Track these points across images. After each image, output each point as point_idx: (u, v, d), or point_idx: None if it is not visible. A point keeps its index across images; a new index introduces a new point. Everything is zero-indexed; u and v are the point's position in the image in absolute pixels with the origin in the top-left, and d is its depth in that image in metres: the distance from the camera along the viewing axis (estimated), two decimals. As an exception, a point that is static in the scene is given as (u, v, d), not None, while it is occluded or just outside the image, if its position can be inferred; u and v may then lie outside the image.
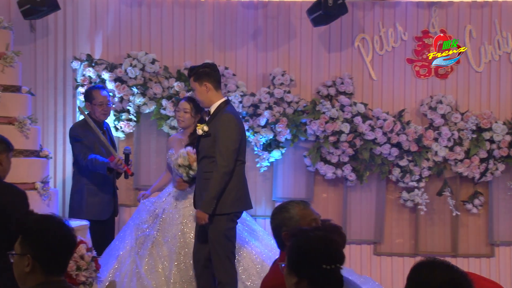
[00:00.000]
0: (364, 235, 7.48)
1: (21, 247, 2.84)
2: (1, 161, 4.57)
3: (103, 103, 6.42)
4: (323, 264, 2.67)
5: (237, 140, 5.54)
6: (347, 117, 7.26)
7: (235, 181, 5.57)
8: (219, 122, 5.56)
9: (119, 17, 7.37)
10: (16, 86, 5.87)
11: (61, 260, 2.87)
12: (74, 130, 6.44)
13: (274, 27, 7.47)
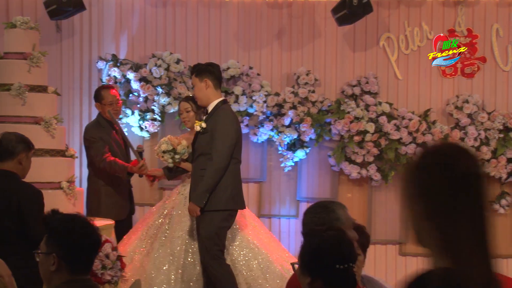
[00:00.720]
0: (389, 235, 7.43)
1: (46, 246, 2.86)
2: (20, 161, 4.58)
3: (113, 102, 6.39)
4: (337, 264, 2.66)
5: (233, 137, 5.53)
6: (372, 116, 7.22)
7: (231, 179, 5.56)
8: (217, 118, 5.57)
9: (144, 17, 7.40)
10: (43, 86, 5.91)
11: (86, 259, 2.88)
12: (88, 133, 6.41)
13: (298, 27, 7.45)
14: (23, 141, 4.63)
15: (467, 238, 1.83)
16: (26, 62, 5.79)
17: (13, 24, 5.87)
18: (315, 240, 2.72)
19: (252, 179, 7.43)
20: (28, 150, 4.64)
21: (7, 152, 4.57)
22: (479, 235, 1.83)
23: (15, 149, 4.57)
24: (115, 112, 6.42)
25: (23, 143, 4.61)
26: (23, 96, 5.69)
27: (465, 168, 1.86)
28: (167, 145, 5.96)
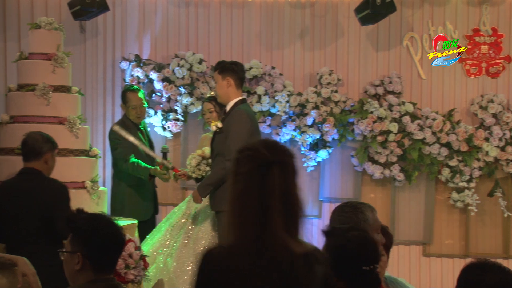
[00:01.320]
0: (413, 236, 7.39)
1: (71, 245, 2.88)
2: (47, 160, 4.64)
3: (136, 107, 6.38)
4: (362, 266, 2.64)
5: (246, 137, 5.51)
6: (395, 116, 7.18)
7: None
8: (231, 119, 5.57)
9: (167, 17, 7.42)
10: (66, 86, 5.94)
11: (110, 258, 2.90)
12: (113, 134, 6.41)
13: (321, 26, 7.43)
14: (48, 140, 4.68)
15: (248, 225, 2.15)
16: (50, 63, 5.82)
17: (37, 25, 5.91)
18: (339, 240, 2.70)
19: (275, 179, 7.40)
20: (54, 149, 4.70)
21: (33, 152, 4.63)
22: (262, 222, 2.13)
23: (41, 149, 4.62)
24: (138, 116, 6.41)
25: (49, 142, 4.67)
26: (48, 96, 5.73)
27: (262, 160, 2.18)
28: (196, 159, 5.96)
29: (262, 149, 2.23)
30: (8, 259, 3.60)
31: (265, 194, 2.17)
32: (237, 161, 2.26)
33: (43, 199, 4.47)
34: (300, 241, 2.26)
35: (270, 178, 2.18)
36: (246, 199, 2.19)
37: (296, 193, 2.24)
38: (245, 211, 2.19)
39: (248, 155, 2.23)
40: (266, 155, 2.22)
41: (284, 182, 2.20)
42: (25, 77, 5.85)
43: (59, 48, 5.92)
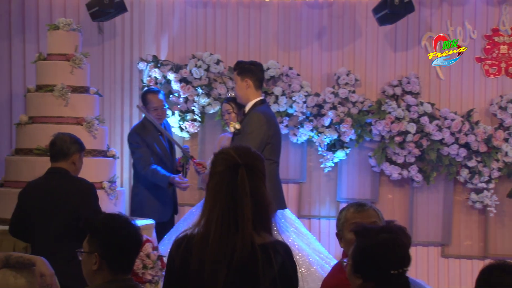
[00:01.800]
0: (431, 237, 7.35)
1: (89, 245, 2.89)
2: (74, 161, 4.68)
3: (157, 108, 6.38)
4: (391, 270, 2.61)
5: (260, 139, 5.49)
6: (413, 117, 7.15)
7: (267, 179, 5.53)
8: (248, 119, 5.56)
9: (185, 18, 7.44)
10: (84, 87, 5.97)
11: (127, 259, 2.90)
12: (132, 137, 6.44)
13: (339, 27, 7.40)
14: (76, 142, 4.72)
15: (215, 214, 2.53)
16: (68, 64, 5.85)
17: (56, 26, 5.94)
18: (368, 242, 2.67)
19: (292, 179, 7.41)
20: (81, 150, 4.75)
21: (61, 153, 4.66)
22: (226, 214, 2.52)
23: (69, 150, 4.66)
24: (158, 117, 6.42)
25: (76, 144, 4.71)
26: (66, 97, 5.75)
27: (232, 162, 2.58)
28: None
29: (233, 153, 2.63)
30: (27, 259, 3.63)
31: (234, 191, 2.56)
32: (213, 162, 2.67)
33: (70, 198, 4.50)
34: (264, 234, 2.60)
35: (238, 178, 2.57)
36: (217, 193, 2.59)
37: (262, 191, 2.63)
38: (216, 204, 2.58)
39: (221, 158, 2.64)
40: (236, 159, 2.61)
41: (251, 182, 2.59)
42: (44, 78, 5.88)
43: (77, 49, 5.94)
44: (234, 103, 6.13)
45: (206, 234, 2.54)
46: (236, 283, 2.52)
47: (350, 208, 3.36)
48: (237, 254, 2.50)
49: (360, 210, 3.33)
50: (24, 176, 5.47)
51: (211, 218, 2.56)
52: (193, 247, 2.54)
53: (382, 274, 2.62)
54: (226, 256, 2.51)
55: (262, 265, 2.53)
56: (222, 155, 2.66)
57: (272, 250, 2.58)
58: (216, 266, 2.50)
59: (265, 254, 2.56)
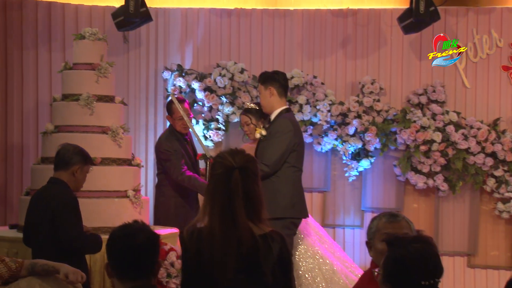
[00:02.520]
0: (457, 247, 7.27)
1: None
2: (74, 172, 4.64)
3: (182, 117, 6.45)
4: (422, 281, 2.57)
5: (286, 145, 5.48)
6: (439, 126, 7.10)
7: (289, 187, 5.52)
8: (276, 125, 5.56)
9: (209, 27, 7.46)
10: (110, 96, 5.99)
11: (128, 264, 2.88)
12: (164, 144, 6.45)
13: (363, 35, 7.38)
14: (80, 153, 4.67)
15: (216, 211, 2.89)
16: (94, 73, 5.88)
17: (82, 35, 5.98)
18: (399, 252, 2.64)
19: (316, 188, 7.39)
20: (84, 163, 4.67)
21: (62, 162, 4.65)
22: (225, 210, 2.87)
23: (70, 160, 4.63)
24: (184, 126, 6.45)
25: (79, 155, 4.66)
26: (91, 106, 5.79)
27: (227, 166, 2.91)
28: None
29: (228, 157, 2.95)
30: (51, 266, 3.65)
31: (230, 191, 2.89)
32: (212, 165, 3.02)
33: (53, 207, 4.52)
34: (261, 225, 2.95)
35: (233, 178, 2.90)
36: (216, 193, 2.93)
37: (255, 190, 2.95)
38: (215, 202, 2.92)
39: (219, 162, 2.97)
40: (230, 162, 2.93)
41: (244, 182, 2.91)
42: (70, 87, 5.92)
43: (103, 58, 5.98)
44: (251, 114, 6.14)
45: (212, 230, 2.89)
46: (242, 269, 2.88)
47: (382, 218, 3.32)
48: (243, 245, 2.86)
49: (393, 220, 3.29)
50: (49, 185, 5.51)
51: (213, 215, 2.91)
52: (203, 241, 2.89)
53: (413, 285, 2.58)
54: (232, 247, 2.86)
55: (263, 253, 2.90)
56: (219, 159, 2.99)
57: (270, 239, 2.94)
58: (224, 256, 2.86)
59: (265, 243, 2.92)
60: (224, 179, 2.93)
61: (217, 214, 2.90)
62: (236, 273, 2.87)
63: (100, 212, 5.45)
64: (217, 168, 2.97)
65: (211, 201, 2.94)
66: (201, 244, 2.90)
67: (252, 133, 6.14)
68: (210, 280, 2.89)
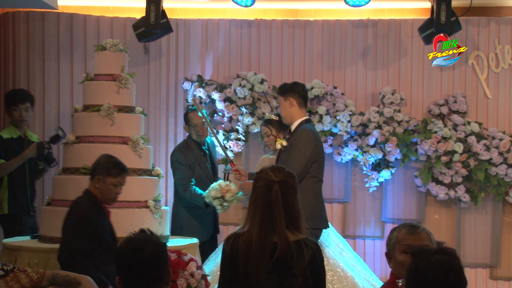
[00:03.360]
0: (479, 259, 7.21)
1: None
2: (96, 183, 4.70)
3: (197, 125, 6.45)
4: None
5: (309, 155, 5.46)
6: (460, 136, 7.05)
7: (311, 198, 5.49)
8: (296, 136, 5.55)
9: (229, 38, 7.48)
10: (130, 106, 6.02)
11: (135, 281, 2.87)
12: (175, 156, 6.50)
13: (384, 46, 7.36)
14: (104, 165, 4.71)
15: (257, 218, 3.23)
16: (115, 84, 5.91)
17: (103, 46, 6.02)
18: (422, 263, 2.62)
19: (336, 199, 7.36)
20: (106, 175, 4.69)
21: (90, 172, 4.78)
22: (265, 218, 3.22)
23: (94, 170, 4.73)
24: (200, 134, 6.48)
25: (103, 167, 4.70)
26: (112, 117, 5.81)
27: (269, 180, 3.27)
28: (216, 192, 6.06)
29: (270, 172, 3.31)
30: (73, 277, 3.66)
31: (270, 202, 3.24)
32: (255, 179, 3.36)
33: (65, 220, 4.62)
34: (296, 233, 3.26)
35: (273, 192, 3.25)
36: (258, 204, 3.27)
37: (293, 202, 3.30)
38: (257, 211, 3.26)
39: (261, 176, 3.33)
40: (272, 176, 3.28)
41: (283, 195, 3.26)
42: (91, 98, 5.96)
43: (124, 69, 6.01)
44: (271, 125, 6.13)
45: (250, 235, 3.22)
46: (275, 271, 3.17)
47: (402, 229, 3.29)
48: (278, 249, 3.17)
49: (413, 232, 3.27)
50: (70, 195, 5.52)
51: (254, 222, 3.24)
52: (240, 244, 3.22)
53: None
54: (267, 251, 3.17)
55: (295, 257, 3.19)
56: (262, 173, 3.34)
57: (303, 244, 3.22)
58: (259, 258, 3.17)
59: (298, 248, 3.20)
60: (265, 191, 3.26)
61: (257, 221, 3.23)
62: (269, 274, 3.16)
63: (120, 222, 5.45)
64: (259, 181, 3.32)
65: (253, 210, 3.27)
66: (237, 247, 3.23)
67: (272, 144, 6.14)
68: (245, 280, 3.19)
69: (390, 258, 3.32)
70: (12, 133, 6.47)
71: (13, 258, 5.38)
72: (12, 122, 6.56)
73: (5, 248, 5.57)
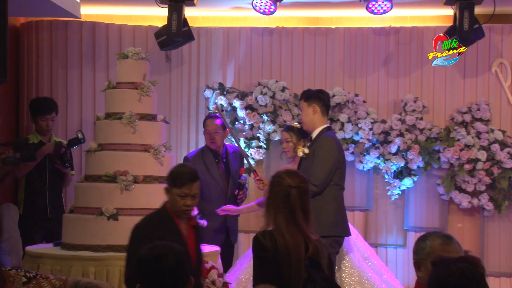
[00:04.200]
0: (503, 268, 7.13)
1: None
2: (166, 195, 4.39)
3: (210, 132, 6.45)
4: None
5: (332, 163, 5.44)
6: (483, 144, 6.99)
7: (334, 206, 5.47)
8: (318, 144, 5.53)
9: (250, 46, 7.49)
10: (152, 114, 6.04)
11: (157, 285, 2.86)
12: (185, 159, 6.59)
13: (406, 53, 7.33)
14: (172, 175, 4.39)
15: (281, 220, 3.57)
16: (137, 92, 5.93)
17: (125, 55, 6.05)
18: (442, 272, 2.59)
19: (358, 207, 7.32)
20: (172, 185, 4.34)
21: None
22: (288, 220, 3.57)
23: (166, 181, 4.45)
24: (211, 141, 6.46)
25: (171, 177, 4.38)
26: (134, 125, 5.83)
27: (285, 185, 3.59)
28: None
29: (286, 177, 3.61)
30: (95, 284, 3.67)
31: (290, 205, 3.59)
32: (271, 183, 3.67)
33: None
34: (313, 233, 3.64)
35: (291, 196, 3.59)
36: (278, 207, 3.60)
37: (308, 204, 3.65)
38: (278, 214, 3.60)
39: (277, 181, 3.62)
40: (288, 182, 3.59)
41: (301, 199, 3.59)
42: (113, 105, 5.98)
43: (146, 77, 6.03)
44: (293, 132, 6.11)
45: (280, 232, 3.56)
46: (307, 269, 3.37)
47: (437, 239, 3.20)
48: (310, 249, 3.52)
49: (449, 242, 3.19)
50: (93, 203, 5.57)
51: (279, 223, 3.58)
52: (276, 240, 3.53)
53: None
54: (302, 252, 3.51)
55: (321, 253, 3.56)
56: (278, 178, 3.63)
57: (321, 244, 3.63)
58: (299, 261, 3.48)
59: (321, 246, 3.60)
60: (283, 196, 3.58)
61: (283, 223, 3.56)
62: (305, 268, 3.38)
63: (142, 230, 5.48)
64: (276, 186, 3.61)
65: (274, 212, 3.59)
66: (277, 246, 3.53)
67: (290, 151, 6.11)
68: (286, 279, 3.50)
69: (419, 267, 3.25)
70: (34, 139, 6.57)
71: (36, 265, 5.41)
72: (37, 130, 6.64)
73: (28, 255, 5.61)
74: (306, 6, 7.32)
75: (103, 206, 5.48)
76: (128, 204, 5.52)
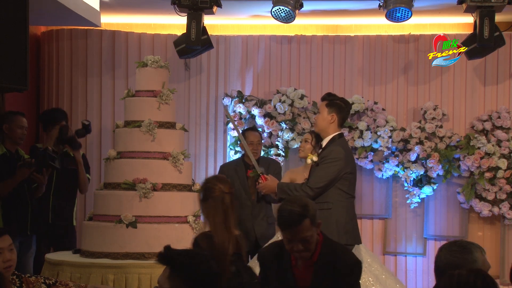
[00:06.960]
0: (524, 278, 7.04)
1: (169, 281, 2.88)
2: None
3: (253, 143, 6.47)
4: None
5: (333, 173, 5.39)
6: (504, 152, 6.93)
7: (344, 214, 5.43)
8: (328, 152, 5.50)
9: (269, 54, 7.50)
10: (171, 122, 6.05)
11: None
12: (220, 170, 6.67)
13: (426, 61, 7.29)
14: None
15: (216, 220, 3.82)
16: (156, 100, 5.96)
17: (144, 63, 6.07)
18: (443, 280, 2.57)
19: (377, 215, 7.29)
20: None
21: None
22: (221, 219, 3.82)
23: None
24: (254, 152, 6.44)
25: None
26: (153, 132, 5.85)
27: (219, 191, 3.86)
28: None
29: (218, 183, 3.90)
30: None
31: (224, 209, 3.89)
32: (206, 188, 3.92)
33: None
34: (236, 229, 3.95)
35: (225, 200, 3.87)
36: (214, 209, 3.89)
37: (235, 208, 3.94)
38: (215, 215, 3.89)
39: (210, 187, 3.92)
40: (221, 188, 3.88)
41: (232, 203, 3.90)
42: (132, 113, 6.01)
43: (165, 85, 6.05)
44: (315, 135, 6.10)
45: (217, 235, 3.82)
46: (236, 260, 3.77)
47: (478, 250, 3.11)
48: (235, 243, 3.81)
49: (484, 253, 3.16)
50: (112, 210, 5.58)
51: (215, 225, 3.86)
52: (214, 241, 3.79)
53: None
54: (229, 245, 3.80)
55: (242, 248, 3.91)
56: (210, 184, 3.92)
57: (241, 238, 3.90)
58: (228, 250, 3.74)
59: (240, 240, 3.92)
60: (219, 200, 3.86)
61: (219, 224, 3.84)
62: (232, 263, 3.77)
63: (160, 237, 5.49)
64: (212, 192, 3.87)
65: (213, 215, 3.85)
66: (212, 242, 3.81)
67: (304, 151, 6.11)
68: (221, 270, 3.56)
69: None
70: None
71: (55, 272, 5.43)
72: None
73: (47, 262, 5.63)
74: (325, 14, 7.31)
75: (122, 214, 5.50)
76: (147, 211, 5.53)
